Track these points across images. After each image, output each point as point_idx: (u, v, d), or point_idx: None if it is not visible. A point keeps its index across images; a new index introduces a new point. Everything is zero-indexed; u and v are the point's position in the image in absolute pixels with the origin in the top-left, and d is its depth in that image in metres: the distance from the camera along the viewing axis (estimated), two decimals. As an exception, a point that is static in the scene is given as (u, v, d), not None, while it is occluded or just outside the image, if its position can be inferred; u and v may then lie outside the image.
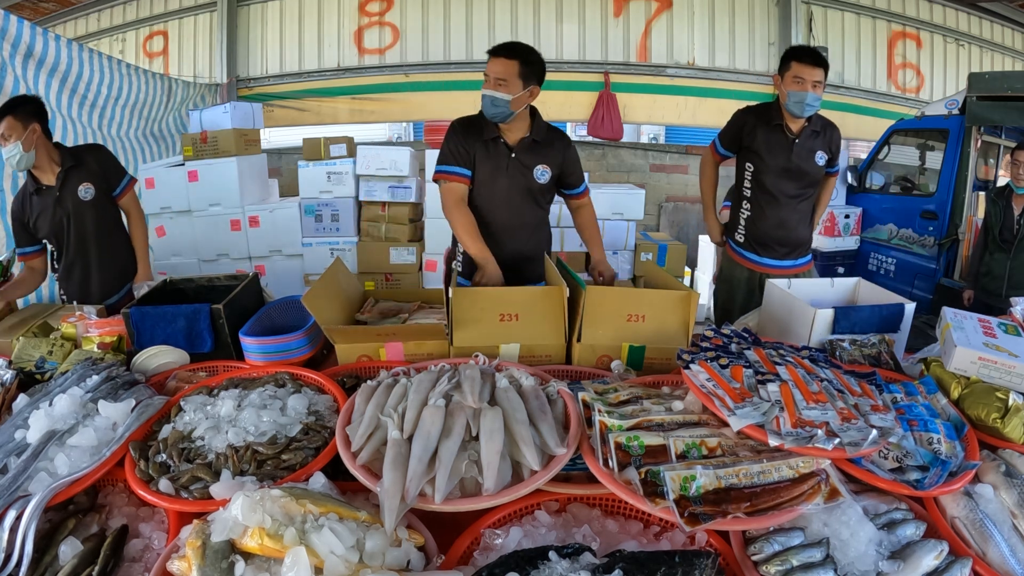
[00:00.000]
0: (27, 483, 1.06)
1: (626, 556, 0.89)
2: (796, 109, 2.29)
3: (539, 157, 2.10)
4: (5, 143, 2.20)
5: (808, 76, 2.25)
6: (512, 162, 2.08)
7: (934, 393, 1.32)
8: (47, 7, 6.49)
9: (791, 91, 2.27)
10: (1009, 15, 6.64)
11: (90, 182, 2.34)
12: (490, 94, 1.96)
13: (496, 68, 1.95)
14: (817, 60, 2.27)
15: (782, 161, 2.38)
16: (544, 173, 2.12)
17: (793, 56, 2.31)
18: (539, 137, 2.10)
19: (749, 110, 2.47)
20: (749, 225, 2.50)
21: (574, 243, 4.81)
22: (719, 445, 1.08)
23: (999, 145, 4.49)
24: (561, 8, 6.21)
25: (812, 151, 2.40)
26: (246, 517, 0.87)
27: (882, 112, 6.42)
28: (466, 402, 1.16)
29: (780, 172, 2.39)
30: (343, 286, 1.81)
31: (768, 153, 2.38)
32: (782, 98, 2.34)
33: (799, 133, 2.38)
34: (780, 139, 2.38)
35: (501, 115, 1.98)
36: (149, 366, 1.55)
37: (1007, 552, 0.96)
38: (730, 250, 2.59)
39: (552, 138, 2.14)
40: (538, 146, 2.10)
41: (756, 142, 2.40)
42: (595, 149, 6.50)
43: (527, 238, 2.18)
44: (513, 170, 2.08)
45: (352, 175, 4.67)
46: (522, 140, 2.08)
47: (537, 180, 2.11)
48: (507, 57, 1.95)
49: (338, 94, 6.39)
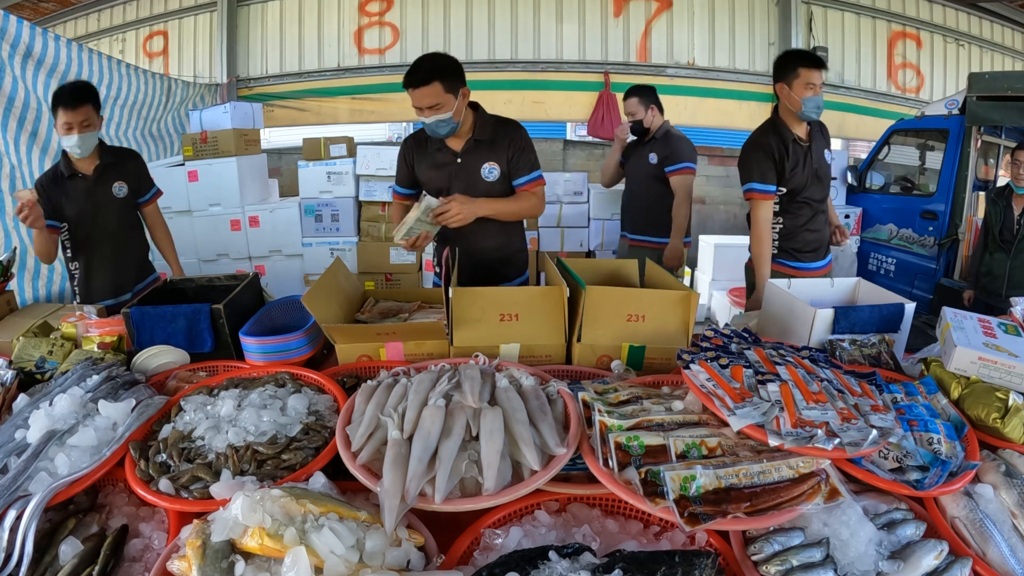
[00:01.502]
0: (27, 483, 1.06)
1: (626, 556, 0.89)
2: (814, 114, 2.30)
3: (484, 156, 2.11)
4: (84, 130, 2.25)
5: (818, 80, 2.26)
6: (458, 167, 2.11)
7: (934, 393, 1.32)
8: (47, 7, 6.49)
9: (806, 98, 2.25)
10: (1009, 15, 6.64)
11: (124, 182, 2.45)
12: (431, 121, 1.99)
13: (422, 99, 1.95)
14: (820, 63, 2.30)
15: (808, 171, 2.36)
16: (492, 171, 2.12)
17: (800, 62, 2.28)
18: (483, 136, 2.10)
19: (765, 138, 2.37)
20: (782, 239, 2.44)
21: (574, 243, 4.82)
22: (719, 445, 1.08)
23: (999, 145, 4.50)
24: (561, 8, 6.21)
25: (821, 151, 2.42)
26: (246, 517, 0.87)
27: (882, 112, 6.42)
28: (466, 402, 1.16)
29: (808, 181, 2.37)
30: (343, 286, 1.81)
31: (794, 168, 2.35)
32: (794, 106, 2.30)
33: (808, 138, 2.39)
34: (799, 150, 2.36)
35: (451, 131, 2.04)
36: (149, 366, 1.55)
37: (1007, 552, 0.96)
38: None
39: (498, 134, 2.13)
40: (482, 145, 2.11)
41: (787, 162, 2.35)
42: (595, 149, 6.50)
43: (491, 239, 2.18)
44: (461, 174, 2.11)
45: (352, 175, 4.68)
46: (466, 143, 2.11)
47: (485, 179, 2.11)
48: (426, 84, 1.93)
49: (338, 94, 6.39)
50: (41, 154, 3.06)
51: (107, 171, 2.40)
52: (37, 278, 3.04)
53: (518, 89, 6.21)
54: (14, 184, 2.90)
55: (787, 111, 2.34)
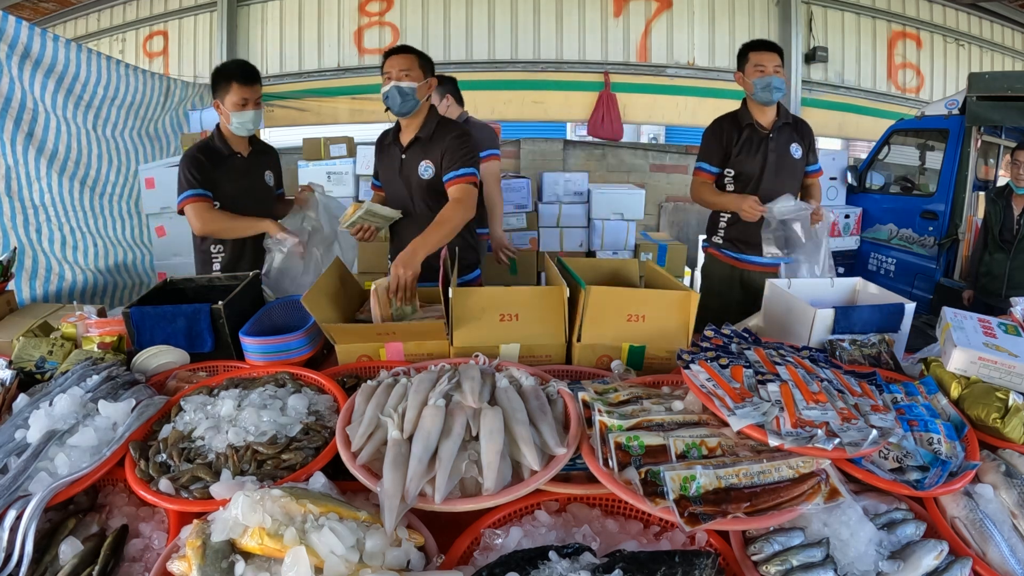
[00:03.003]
0: (27, 483, 1.06)
1: (626, 556, 0.89)
2: (764, 95, 2.32)
3: (423, 154, 2.15)
4: (249, 108, 2.23)
5: (768, 61, 2.30)
6: (402, 162, 2.18)
7: (934, 393, 1.32)
8: (47, 7, 6.49)
9: (755, 79, 2.31)
10: (1009, 15, 6.64)
11: (272, 171, 2.49)
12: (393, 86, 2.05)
13: (397, 62, 2.04)
14: (771, 46, 2.34)
15: (760, 158, 2.39)
16: (427, 169, 2.15)
17: (748, 48, 2.37)
18: (424, 134, 2.14)
19: (720, 120, 2.49)
20: (730, 227, 2.52)
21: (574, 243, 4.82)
22: (719, 445, 1.08)
23: (999, 145, 4.49)
24: (561, 8, 6.20)
25: (788, 144, 2.41)
26: (246, 517, 0.87)
27: (882, 112, 6.42)
28: (466, 402, 1.16)
29: (761, 170, 2.39)
30: (343, 286, 1.81)
31: (742, 152, 2.40)
32: (748, 90, 2.37)
33: (771, 127, 2.40)
34: (754, 136, 2.40)
35: (410, 108, 2.09)
36: (149, 366, 1.55)
37: (1007, 552, 0.96)
38: (712, 251, 2.64)
39: (437, 133, 2.15)
40: (421, 143, 2.15)
41: (734, 146, 2.42)
42: (595, 149, 6.50)
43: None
44: (405, 170, 2.17)
45: (352, 175, 4.68)
46: (411, 141, 2.16)
47: (421, 177, 2.15)
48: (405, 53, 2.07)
49: (338, 94, 6.39)
50: (37, 155, 3.06)
51: (260, 157, 2.43)
52: (35, 278, 3.04)
53: (518, 89, 6.21)
54: (9, 185, 2.90)
55: (750, 99, 2.41)
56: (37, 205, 3.10)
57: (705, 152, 2.49)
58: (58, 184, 3.25)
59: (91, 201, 3.63)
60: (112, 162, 3.82)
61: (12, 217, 2.92)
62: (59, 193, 3.27)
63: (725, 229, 2.55)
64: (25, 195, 3.01)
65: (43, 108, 3.09)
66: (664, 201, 6.66)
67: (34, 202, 3.08)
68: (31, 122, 3.01)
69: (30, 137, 3.01)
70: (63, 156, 3.28)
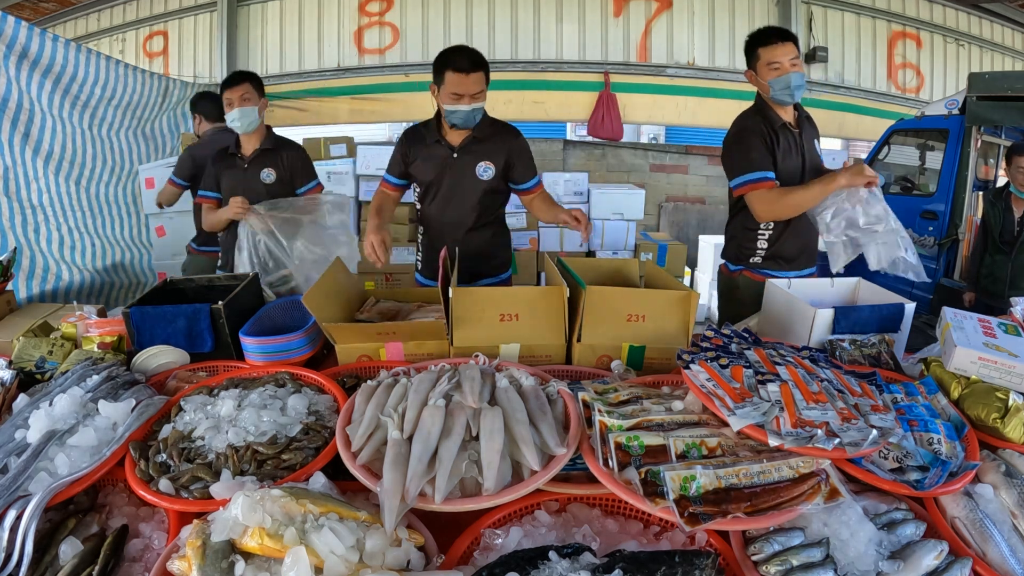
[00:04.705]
0: (27, 483, 1.06)
1: (626, 556, 0.89)
2: (785, 96, 2.03)
3: (481, 155, 2.14)
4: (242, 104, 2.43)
5: (782, 56, 2.00)
6: (453, 161, 2.15)
7: (934, 393, 1.32)
8: (47, 7, 6.49)
9: (772, 80, 2.01)
10: (1009, 15, 6.64)
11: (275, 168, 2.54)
12: (472, 108, 2.04)
13: (474, 84, 2.02)
14: (782, 35, 2.02)
15: (797, 161, 2.11)
16: (487, 170, 2.15)
17: (757, 42, 2.05)
18: (481, 135, 2.14)
19: (755, 122, 2.10)
20: (772, 245, 2.17)
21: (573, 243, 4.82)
22: (719, 445, 1.08)
23: (999, 145, 4.50)
24: (561, 8, 6.20)
25: (812, 141, 2.18)
26: (246, 517, 0.87)
27: (882, 112, 6.42)
28: (466, 402, 1.16)
29: (801, 174, 2.11)
30: (343, 286, 1.81)
31: (784, 158, 2.08)
32: (765, 92, 2.07)
33: (797, 124, 2.14)
34: (789, 136, 2.10)
35: (474, 122, 2.09)
36: (149, 366, 1.55)
37: (1007, 552, 0.96)
38: (748, 273, 2.22)
39: (496, 135, 2.17)
40: (480, 144, 2.14)
41: (777, 149, 2.07)
42: (595, 149, 6.50)
43: (475, 234, 2.22)
44: (454, 169, 2.15)
45: (352, 175, 4.68)
46: (464, 139, 2.14)
47: (479, 177, 2.15)
48: (479, 70, 2.02)
49: (338, 94, 6.39)
50: (34, 155, 3.06)
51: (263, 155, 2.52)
52: (32, 278, 3.04)
53: (518, 89, 6.21)
54: (7, 186, 2.90)
55: (768, 99, 2.10)
56: (35, 205, 3.10)
57: (758, 159, 2.03)
58: (55, 184, 3.25)
59: (88, 201, 3.64)
60: (108, 162, 3.82)
61: (11, 217, 2.92)
62: (56, 193, 3.27)
63: (766, 248, 2.18)
64: (23, 195, 3.01)
65: (40, 108, 3.09)
66: (664, 201, 6.66)
67: (32, 202, 3.08)
68: (28, 123, 3.01)
69: (27, 137, 3.02)
70: (59, 156, 3.28)
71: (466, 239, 2.18)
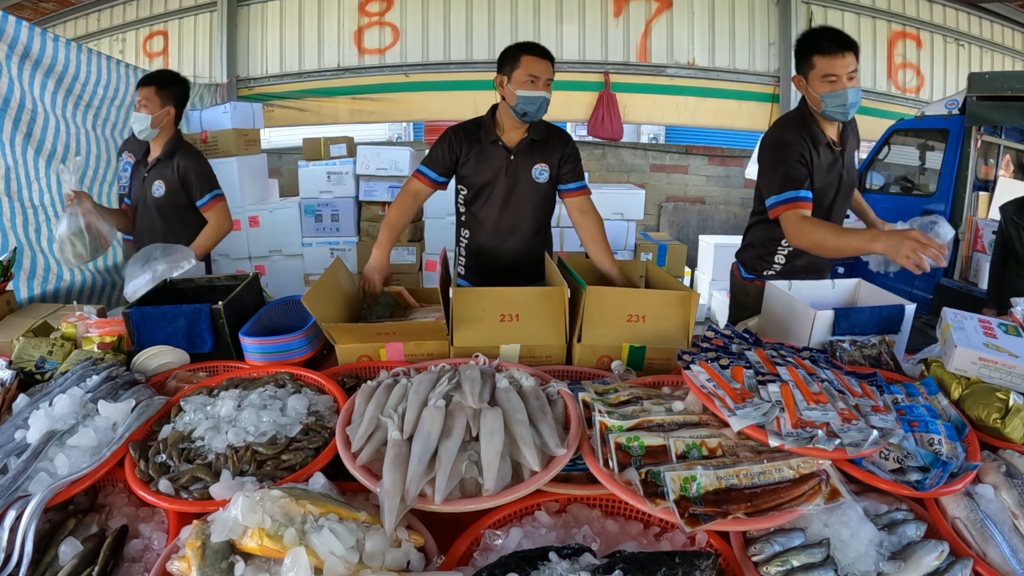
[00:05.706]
0: (27, 483, 1.05)
1: (626, 557, 0.89)
2: (838, 114, 1.84)
3: (537, 157, 2.11)
4: (138, 110, 2.38)
5: (841, 69, 1.78)
6: (510, 163, 2.09)
7: (935, 394, 1.32)
8: (47, 7, 6.49)
9: (825, 95, 1.81)
10: (1009, 15, 6.64)
11: (164, 180, 2.45)
12: (541, 95, 2.00)
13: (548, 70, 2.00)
14: (843, 43, 1.78)
15: (833, 180, 1.96)
16: (542, 173, 2.12)
17: (814, 49, 1.81)
18: (537, 136, 2.10)
19: (796, 134, 1.90)
20: (793, 258, 2.08)
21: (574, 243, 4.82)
22: (719, 446, 1.08)
23: (999, 145, 4.49)
24: (561, 8, 6.21)
25: (853, 157, 2.01)
26: (246, 517, 0.87)
27: (882, 112, 6.42)
28: (466, 402, 1.16)
29: (834, 195, 2.00)
30: (343, 286, 1.81)
31: (821, 176, 1.92)
32: (815, 105, 1.87)
33: (841, 141, 1.97)
34: (829, 156, 1.94)
35: (540, 116, 2.06)
36: (149, 366, 1.55)
37: (1008, 552, 0.96)
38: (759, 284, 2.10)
39: (550, 136, 2.14)
40: (536, 146, 2.11)
41: (812, 166, 1.89)
42: (595, 149, 6.51)
43: (528, 238, 2.18)
44: (511, 171, 2.10)
45: (352, 175, 4.68)
46: (521, 141, 2.09)
47: (535, 180, 2.11)
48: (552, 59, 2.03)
49: (338, 94, 6.39)
50: (35, 155, 3.06)
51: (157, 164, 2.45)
52: (33, 278, 3.04)
53: (518, 89, 6.21)
54: (9, 186, 2.90)
55: (817, 113, 1.91)
56: (36, 205, 3.10)
57: (794, 175, 1.84)
58: (57, 184, 3.24)
59: (89, 201, 3.63)
60: (111, 162, 3.81)
61: (12, 217, 2.92)
62: (58, 193, 3.26)
63: (784, 263, 2.08)
64: (24, 195, 3.01)
65: (42, 108, 3.09)
66: (664, 201, 6.67)
67: (33, 202, 3.08)
68: (30, 122, 3.01)
69: (28, 137, 3.01)
70: (62, 156, 3.28)
71: (520, 243, 2.15)
